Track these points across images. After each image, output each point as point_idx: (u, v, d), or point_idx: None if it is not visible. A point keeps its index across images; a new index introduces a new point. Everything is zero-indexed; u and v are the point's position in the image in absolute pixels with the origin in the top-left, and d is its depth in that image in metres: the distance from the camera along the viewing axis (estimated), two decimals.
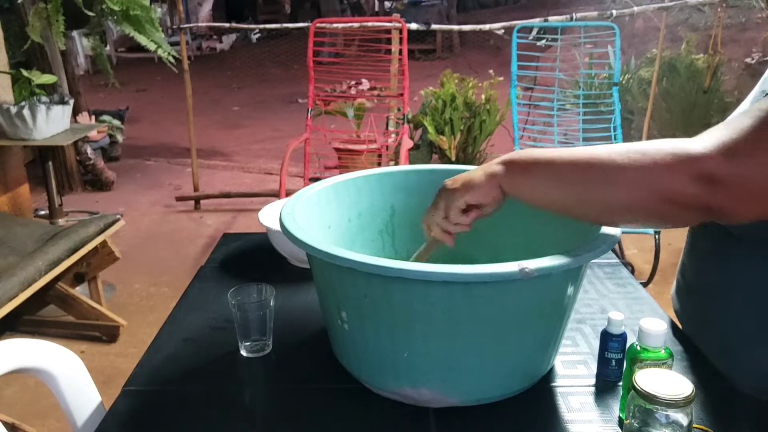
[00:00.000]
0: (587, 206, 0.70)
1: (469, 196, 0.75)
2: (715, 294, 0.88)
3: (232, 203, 3.98)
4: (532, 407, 0.81)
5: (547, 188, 0.71)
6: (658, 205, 0.64)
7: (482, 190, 0.74)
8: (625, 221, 0.71)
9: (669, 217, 0.66)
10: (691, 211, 0.63)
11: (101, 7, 3.28)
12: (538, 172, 0.71)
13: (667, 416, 0.59)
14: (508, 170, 0.73)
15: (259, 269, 1.21)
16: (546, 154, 0.71)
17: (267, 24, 4.23)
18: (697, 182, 0.60)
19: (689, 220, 0.67)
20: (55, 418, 1.96)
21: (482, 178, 0.74)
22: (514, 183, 0.73)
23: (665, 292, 2.77)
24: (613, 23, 3.12)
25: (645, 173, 0.63)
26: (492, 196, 0.74)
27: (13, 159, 2.88)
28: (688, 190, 0.61)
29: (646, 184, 0.63)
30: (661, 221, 0.69)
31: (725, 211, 0.61)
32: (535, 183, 0.72)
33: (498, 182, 0.73)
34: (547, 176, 0.70)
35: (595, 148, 0.69)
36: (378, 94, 3.64)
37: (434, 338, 0.74)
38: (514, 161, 0.73)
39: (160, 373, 0.88)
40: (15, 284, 1.89)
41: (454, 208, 0.76)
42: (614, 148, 0.66)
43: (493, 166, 0.74)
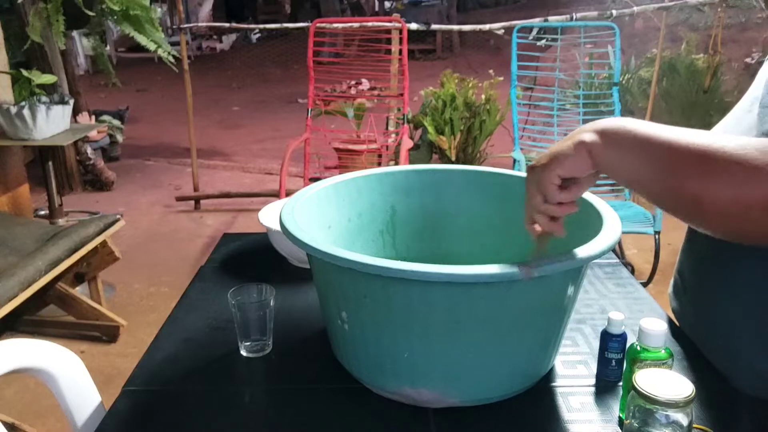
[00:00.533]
0: (680, 199, 0.63)
1: (561, 169, 0.67)
2: (713, 292, 0.87)
3: (232, 203, 3.98)
4: (532, 407, 0.81)
5: (641, 169, 0.64)
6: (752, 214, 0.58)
7: (573, 160, 0.67)
8: (716, 225, 0.63)
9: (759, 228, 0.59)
10: None
11: (101, 7, 3.28)
12: (634, 148, 0.64)
13: (667, 416, 0.59)
14: (601, 140, 0.66)
15: (259, 269, 1.21)
16: (644, 128, 0.64)
17: (267, 24, 4.23)
18: None
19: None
20: (55, 418, 1.96)
21: (571, 148, 0.67)
22: (605, 155, 0.65)
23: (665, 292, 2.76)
24: (613, 23, 3.12)
25: (750, 175, 0.57)
26: (585, 166, 0.67)
27: (13, 159, 2.88)
28: None
29: (748, 188, 0.57)
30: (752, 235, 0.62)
31: None
32: (628, 160, 0.65)
33: (588, 151, 0.66)
34: (644, 155, 0.63)
35: (703, 134, 0.62)
36: (378, 94, 3.64)
37: (434, 338, 0.74)
38: (608, 132, 0.66)
39: (160, 373, 0.88)
40: (15, 284, 1.89)
41: (549, 186, 0.68)
42: (728, 139, 0.60)
43: (583, 134, 0.67)
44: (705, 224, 0.65)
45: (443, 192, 1.04)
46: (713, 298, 0.87)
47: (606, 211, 0.83)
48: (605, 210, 0.83)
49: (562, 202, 0.70)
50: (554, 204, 0.70)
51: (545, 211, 0.71)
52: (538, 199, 0.70)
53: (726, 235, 0.66)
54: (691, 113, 4.14)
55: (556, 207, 0.70)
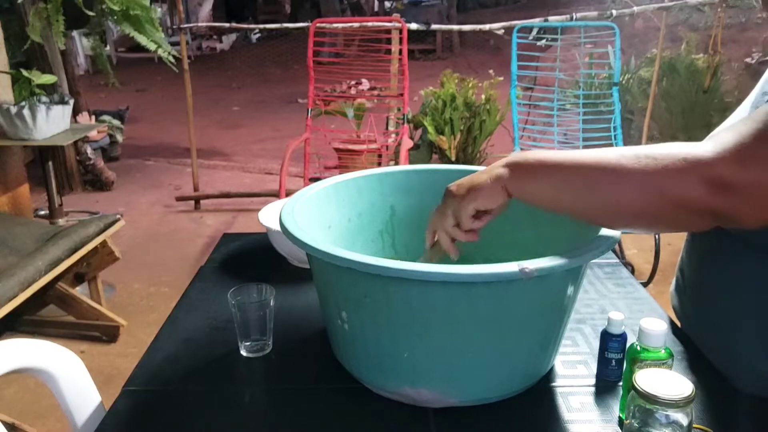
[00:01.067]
0: (595, 210, 0.69)
1: (477, 203, 0.73)
2: (714, 292, 0.87)
3: (232, 203, 3.98)
4: (532, 407, 0.80)
5: (554, 192, 0.70)
6: (667, 211, 0.63)
7: (488, 194, 0.72)
8: (633, 226, 0.70)
9: (678, 223, 0.66)
10: (701, 216, 0.62)
11: (101, 7, 3.28)
12: (544, 175, 0.70)
13: (667, 416, 0.59)
14: (513, 173, 0.71)
15: (259, 269, 1.21)
16: (552, 156, 0.70)
17: (267, 24, 4.24)
18: (708, 188, 0.60)
19: (698, 225, 0.67)
20: (55, 418, 1.96)
21: (487, 182, 0.72)
22: (519, 186, 0.71)
23: (665, 292, 2.76)
24: (613, 23, 3.12)
25: (655, 178, 0.62)
26: (499, 201, 0.73)
27: (13, 159, 2.88)
28: (700, 195, 0.60)
29: (656, 188, 0.62)
30: (669, 226, 0.69)
31: (736, 216, 0.61)
32: (541, 186, 0.71)
33: (503, 185, 0.72)
34: (553, 180, 0.69)
35: (603, 151, 0.68)
36: (378, 94, 3.64)
37: (434, 338, 0.74)
38: (520, 164, 0.72)
39: (160, 373, 0.88)
40: (15, 284, 1.89)
41: (464, 216, 0.75)
42: (622, 152, 0.65)
43: (497, 169, 0.73)
44: (626, 227, 0.72)
45: (443, 192, 1.04)
46: (713, 297, 0.87)
47: None
48: None
49: (470, 230, 0.76)
50: (462, 231, 0.76)
51: (453, 234, 0.77)
52: (449, 222, 0.76)
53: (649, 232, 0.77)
54: (691, 113, 4.13)
55: (462, 234, 0.77)
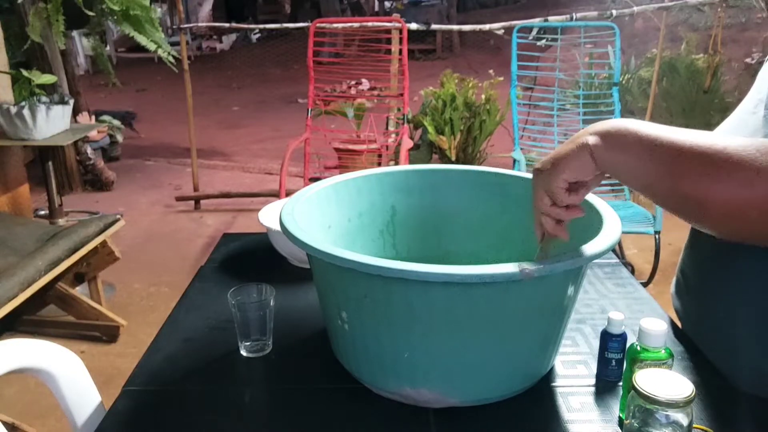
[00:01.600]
0: (679, 199, 0.63)
1: (567, 173, 0.67)
2: (715, 292, 0.87)
3: (232, 203, 3.98)
4: (532, 407, 0.80)
5: (643, 169, 0.64)
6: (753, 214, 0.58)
7: (578, 163, 0.67)
8: (715, 226, 0.64)
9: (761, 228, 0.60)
10: None
11: (101, 7, 3.28)
12: (636, 149, 0.64)
13: (667, 416, 0.59)
14: (603, 142, 0.66)
15: (259, 269, 1.21)
16: (647, 129, 0.64)
17: (267, 24, 4.24)
18: None
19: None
20: (55, 418, 1.96)
21: (575, 151, 0.67)
22: (608, 156, 0.66)
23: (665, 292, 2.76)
24: (613, 23, 3.12)
25: (754, 176, 0.57)
26: (590, 169, 0.67)
27: (13, 159, 2.88)
28: None
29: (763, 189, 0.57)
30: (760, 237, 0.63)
31: None
32: (630, 161, 0.65)
33: (591, 154, 0.66)
34: (645, 156, 0.63)
35: (704, 134, 0.62)
36: (378, 94, 3.64)
37: (434, 338, 0.74)
38: (611, 133, 0.66)
39: (160, 373, 0.88)
40: (15, 284, 1.89)
41: (557, 189, 0.68)
42: (730, 140, 0.60)
43: (585, 137, 0.67)
44: (707, 224, 0.66)
45: (443, 192, 1.04)
46: (716, 299, 0.87)
47: (606, 211, 0.83)
48: (605, 210, 0.83)
49: (568, 206, 0.70)
50: (561, 207, 0.70)
51: (553, 213, 0.71)
52: (546, 202, 0.71)
53: (727, 235, 0.66)
54: (691, 113, 4.14)
55: (563, 210, 0.71)
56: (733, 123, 0.83)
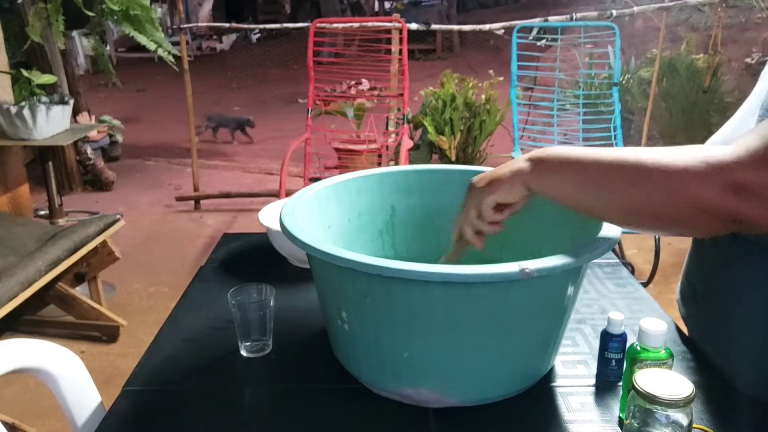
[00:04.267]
0: (613, 210, 0.69)
1: (497, 195, 0.75)
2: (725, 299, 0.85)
3: (232, 203, 3.98)
4: (532, 407, 0.81)
5: (574, 189, 0.70)
6: (686, 213, 0.63)
7: (508, 187, 0.74)
8: (651, 227, 0.70)
9: (696, 226, 0.65)
10: (720, 220, 0.62)
11: (101, 7, 3.28)
12: (565, 171, 0.70)
13: (667, 416, 0.59)
14: (534, 168, 0.72)
15: (259, 269, 1.21)
16: (574, 152, 0.70)
17: (267, 24, 4.24)
18: (729, 191, 0.59)
19: (717, 229, 0.66)
20: (55, 418, 1.96)
21: (508, 176, 0.74)
22: (540, 181, 0.72)
23: (665, 292, 2.78)
24: (613, 23, 3.12)
25: (676, 180, 0.62)
26: (520, 194, 0.74)
27: (13, 159, 2.88)
28: (720, 199, 0.60)
29: (676, 191, 0.62)
30: (687, 229, 0.68)
31: (756, 220, 0.60)
32: (561, 182, 0.71)
33: (524, 180, 0.73)
34: (574, 176, 0.70)
35: (624, 150, 0.67)
36: (378, 94, 3.64)
37: (434, 338, 0.74)
38: (542, 159, 0.72)
39: (160, 373, 0.88)
40: (15, 284, 1.89)
41: (485, 207, 0.76)
42: (644, 152, 0.65)
43: (519, 163, 0.74)
44: (644, 229, 0.71)
45: (443, 192, 1.04)
46: (725, 306, 0.85)
47: None
48: None
49: (493, 222, 0.77)
50: (486, 222, 0.78)
51: (477, 225, 0.79)
52: (473, 214, 0.78)
53: (669, 235, 0.71)
54: (691, 113, 4.13)
55: (485, 225, 0.78)
56: (736, 124, 0.82)
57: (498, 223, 0.78)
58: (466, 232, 0.80)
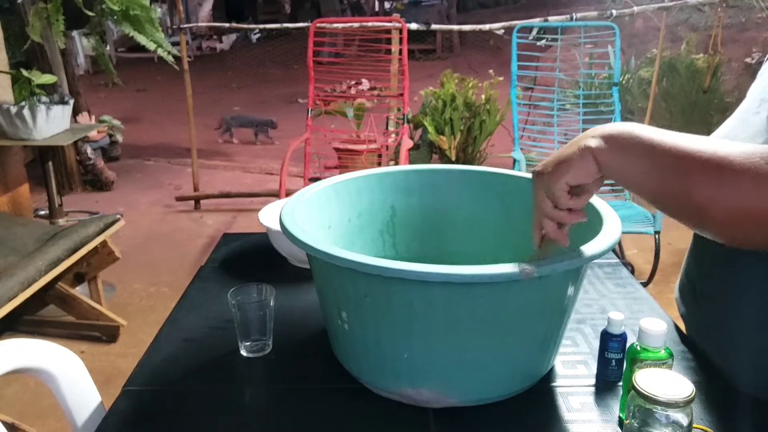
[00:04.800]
0: (681, 204, 0.63)
1: (568, 176, 0.67)
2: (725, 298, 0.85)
3: (232, 203, 3.98)
4: (532, 407, 0.81)
5: (645, 173, 0.64)
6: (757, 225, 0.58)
7: (580, 166, 0.66)
8: (720, 233, 0.64)
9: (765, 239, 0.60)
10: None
11: (101, 7, 3.27)
12: (639, 152, 0.64)
13: (667, 416, 0.59)
14: (607, 145, 0.65)
15: (259, 269, 1.21)
16: (650, 133, 0.64)
17: (267, 24, 4.24)
18: None
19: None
20: (55, 418, 1.96)
21: (577, 154, 0.67)
22: (611, 160, 0.65)
23: (665, 292, 2.78)
24: (613, 23, 3.12)
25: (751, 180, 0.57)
26: (593, 173, 0.67)
27: (13, 159, 2.88)
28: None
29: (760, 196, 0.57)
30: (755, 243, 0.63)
31: None
32: (633, 164, 0.65)
33: (594, 156, 0.66)
34: (648, 160, 0.64)
35: (708, 140, 0.62)
36: (378, 94, 3.64)
37: (434, 338, 0.74)
38: (614, 137, 0.65)
39: (160, 373, 0.88)
40: (15, 284, 1.89)
41: (559, 192, 0.68)
42: (733, 146, 0.60)
43: (588, 140, 0.67)
44: (708, 230, 0.66)
45: (443, 192, 1.04)
46: (725, 304, 0.85)
47: (606, 211, 0.83)
48: (605, 210, 0.83)
49: (570, 209, 0.70)
50: (564, 211, 0.70)
51: (555, 217, 0.70)
52: (548, 205, 0.70)
53: (728, 240, 0.66)
54: (691, 113, 4.13)
55: (565, 214, 0.70)
56: (735, 124, 0.82)
57: (579, 211, 0.71)
58: (548, 229, 0.72)
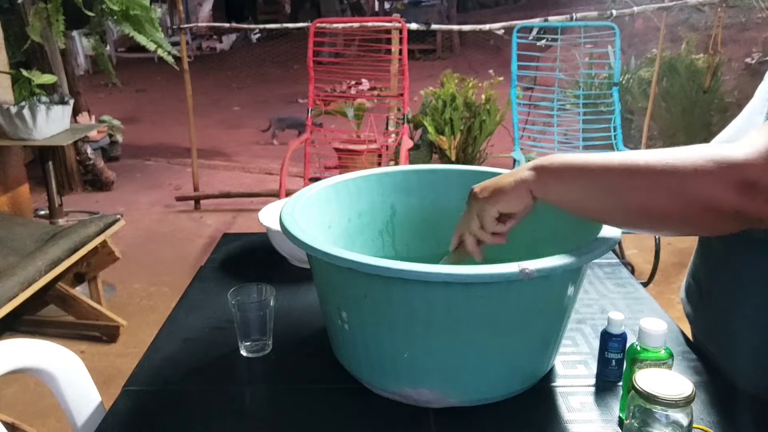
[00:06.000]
0: (622, 214, 0.69)
1: (501, 205, 0.73)
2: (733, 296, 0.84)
3: (232, 203, 3.98)
4: (532, 407, 0.81)
5: (581, 195, 0.70)
6: (696, 213, 0.63)
7: (513, 197, 0.72)
8: (660, 229, 0.70)
9: (706, 226, 0.65)
10: (729, 219, 0.62)
11: (101, 7, 3.27)
12: (570, 178, 0.70)
13: (667, 416, 0.59)
14: (538, 176, 0.71)
15: (259, 269, 1.21)
16: (578, 159, 0.70)
17: (267, 24, 4.24)
18: (738, 190, 0.59)
19: (727, 228, 0.66)
20: (55, 418, 1.96)
21: (512, 185, 0.72)
22: (545, 188, 0.71)
23: (665, 292, 2.78)
24: (613, 23, 3.12)
25: (685, 180, 0.61)
26: (524, 203, 0.73)
27: (13, 159, 2.88)
28: (730, 198, 0.60)
29: (685, 191, 0.62)
30: (697, 229, 0.68)
31: (766, 218, 0.60)
32: (567, 189, 0.70)
33: (528, 188, 0.71)
34: (580, 183, 0.69)
35: (629, 153, 0.67)
36: (378, 94, 3.64)
37: (434, 338, 0.74)
38: (545, 167, 0.71)
39: (160, 373, 0.88)
40: (15, 284, 1.89)
41: (488, 218, 0.75)
42: (650, 154, 0.65)
43: (523, 172, 0.72)
44: (651, 231, 0.72)
45: (443, 192, 1.04)
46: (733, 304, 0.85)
47: None
48: None
49: (495, 233, 0.76)
50: (488, 233, 0.76)
51: (479, 236, 0.77)
52: (476, 224, 0.76)
53: (677, 235, 0.71)
54: (691, 113, 4.13)
55: (488, 236, 0.77)
56: (741, 124, 0.82)
57: (501, 235, 0.77)
58: (467, 242, 0.78)
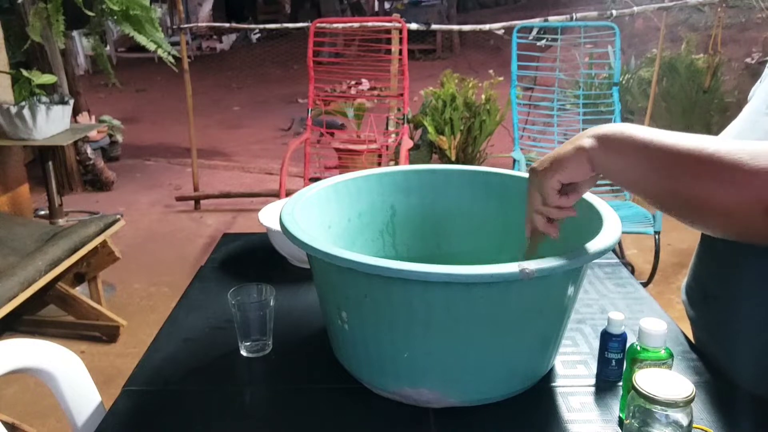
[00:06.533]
0: (679, 201, 0.65)
1: (560, 174, 0.70)
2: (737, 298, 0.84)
3: (232, 203, 3.98)
4: (532, 407, 0.81)
5: (639, 172, 0.66)
6: (758, 215, 0.59)
7: (573, 165, 0.69)
8: (715, 227, 0.66)
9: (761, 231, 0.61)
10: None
11: (101, 7, 3.27)
12: (633, 152, 0.66)
13: (667, 416, 0.59)
14: (600, 145, 0.68)
15: (259, 269, 1.21)
16: (644, 133, 0.66)
17: (267, 24, 4.24)
18: None
19: None
20: (55, 418, 1.96)
21: (571, 153, 0.69)
22: (604, 160, 0.68)
23: (665, 292, 2.78)
24: (613, 23, 3.12)
25: (755, 178, 0.58)
26: (585, 173, 0.69)
27: (13, 159, 2.88)
28: None
29: (754, 189, 0.58)
30: (750, 234, 0.64)
31: None
32: (627, 164, 0.67)
33: (588, 156, 0.68)
34: (641, 159, 0.65)
35: (700, 138, 0.63)
36: (378, 94, 3.64)
37: (434, 338, 0.74)
38: (608, 137, 0.68)
39: (160, 373, 0.88)
40: (15, 284, 1.89)
41: (549, 190, 0.71)
42: (721, 143, 0.61)
43: (583, 139, 0.69)
44: (702, 225, 0.67)
45: (443, 192, 1.04)
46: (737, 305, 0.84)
47: (606, 211, 0.83)
48: (605, 210, 0.83)
49: (560, 206, 0.73)
50: (553, 207, 0.73)
51: (544, 212, 0.74)
52: (538, 200, 0.74)
53: (726, 235, 0.67)
54: (691, 113, 4.13)
55: (554, 210, 0.73)
56: (743, 124, 0.81)
57: (569, 208, 0.73)
58: (537, 222, 0.75)
